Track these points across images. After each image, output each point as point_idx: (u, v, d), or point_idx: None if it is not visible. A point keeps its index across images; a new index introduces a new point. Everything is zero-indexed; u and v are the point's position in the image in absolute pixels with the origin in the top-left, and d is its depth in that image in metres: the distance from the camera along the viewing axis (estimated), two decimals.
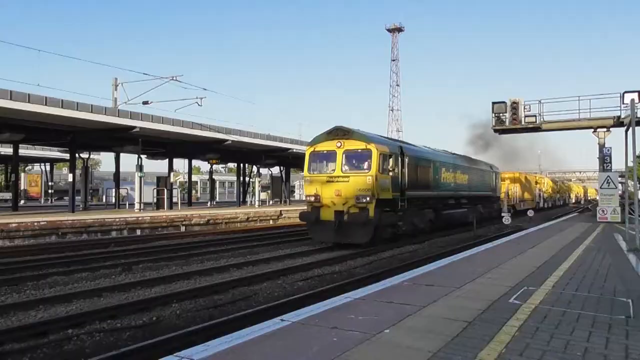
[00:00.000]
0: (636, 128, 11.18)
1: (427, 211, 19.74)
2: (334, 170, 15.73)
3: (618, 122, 22.53)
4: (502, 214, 24.46)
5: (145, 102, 28.48)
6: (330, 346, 4.11)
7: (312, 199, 15.81)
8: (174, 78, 27.76)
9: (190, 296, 8.78)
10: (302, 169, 24.34)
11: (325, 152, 16.11)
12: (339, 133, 15.96)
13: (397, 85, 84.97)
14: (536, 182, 46.07)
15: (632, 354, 3.99)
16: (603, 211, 21.28)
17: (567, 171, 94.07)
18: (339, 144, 15.74)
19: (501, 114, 25.14)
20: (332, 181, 15.56)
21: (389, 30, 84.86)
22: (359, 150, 15.56)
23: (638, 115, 11.74)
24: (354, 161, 15.74)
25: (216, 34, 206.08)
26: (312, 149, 16.48)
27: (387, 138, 17.90)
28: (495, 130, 25.88)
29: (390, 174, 16.02)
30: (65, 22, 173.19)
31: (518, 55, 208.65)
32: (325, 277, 11.06)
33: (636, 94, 19.41)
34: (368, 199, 14.92)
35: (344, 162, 15.65)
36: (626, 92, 21.09)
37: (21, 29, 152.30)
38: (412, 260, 13.25)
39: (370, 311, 5.34)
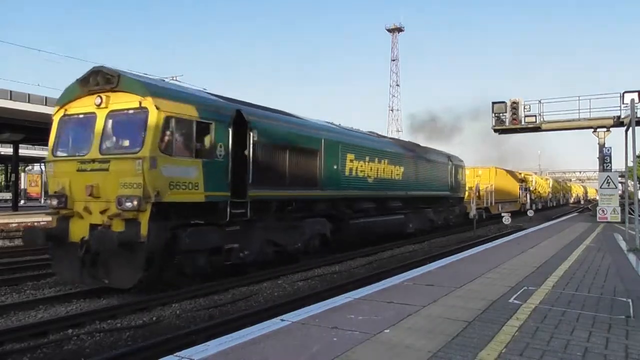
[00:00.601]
0: (636, 128, 11.19)
1: (311, 222, 12.67)
2: (89, 149, 8.83)
3: (618, 122, 22.60)
4: (502, 214, 24.41)
5: None
6: (330, 346, 4.11)
7: (55, 202, 9.06)
8: (174, 78, 27.83)
9: (190, 296, 8.77)
10: None
11: (80, 116, 9.23)
12: (100, 81, 8.81)
13: (397, 85, 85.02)
14: (521, 180, 39.09)
15: (632, 354, 3.99)
16: (603, 211, 21.34)
17: (567, 171, 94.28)
18: (99, 101, 8.77)
19: (501, 114, 25.19)
20: (85, 170, 8.74)
21: (389, 30, 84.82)
22: (130, 112, 8.63)
23: (638, 115, 11.76)
24: (125, 132, 8.97)
25: (216, 34, 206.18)
26: (62, 112, 9.49)
27: (205, 92, 11.11)
28: (495, 130, 25.91)
29: (202, 158, 9.02)
30: (65, 22, 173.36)
31: (518, 55, 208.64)
32: (325, 277, 11.05)
33: (636, 94, 19.50)
34: (136, 202, 8.02)
35: (106, 134, 8.84)
36: (626, 92, 21.17)
37: (21, 29, 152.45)
38: (412, 260, 13.25)
39: (370, 311, 5.34)
